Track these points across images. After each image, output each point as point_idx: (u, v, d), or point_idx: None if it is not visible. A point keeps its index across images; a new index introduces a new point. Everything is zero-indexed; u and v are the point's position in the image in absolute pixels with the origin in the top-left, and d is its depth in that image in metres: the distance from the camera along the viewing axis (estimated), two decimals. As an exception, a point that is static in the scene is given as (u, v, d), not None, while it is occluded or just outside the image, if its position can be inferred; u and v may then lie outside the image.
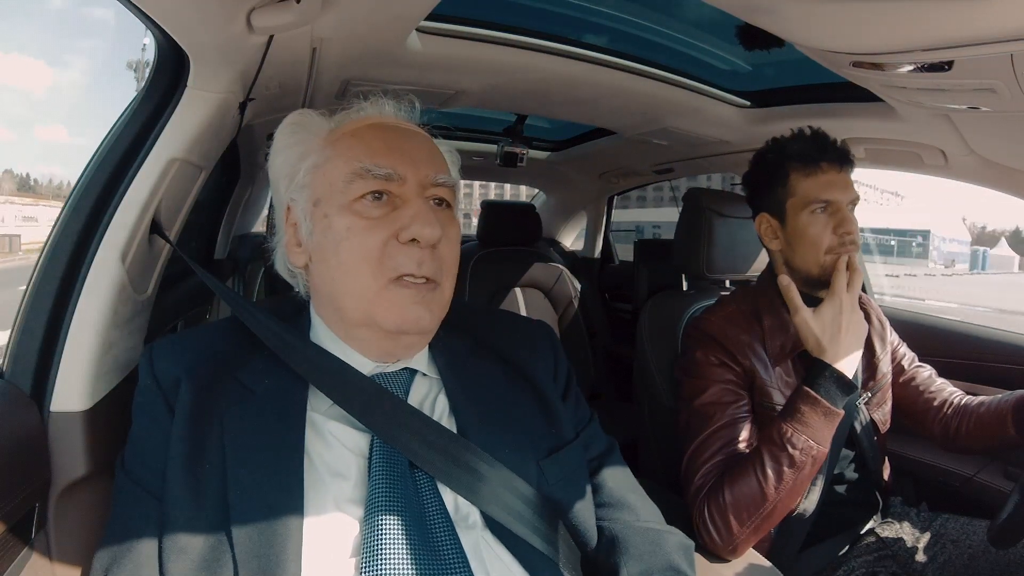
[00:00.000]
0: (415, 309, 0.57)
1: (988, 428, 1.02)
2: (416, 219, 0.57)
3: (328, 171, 0.60)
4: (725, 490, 0.85)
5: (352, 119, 0.65)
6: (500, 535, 0.57)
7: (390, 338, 0.60)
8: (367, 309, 0.58)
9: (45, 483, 0.66)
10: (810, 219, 0.97)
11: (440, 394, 0.64)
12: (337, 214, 0.58)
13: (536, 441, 0.63)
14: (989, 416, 1.02)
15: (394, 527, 0.51)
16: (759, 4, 0.73)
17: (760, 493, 0.83)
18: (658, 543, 0.64)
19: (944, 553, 1.01)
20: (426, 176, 0.60)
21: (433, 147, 0.65)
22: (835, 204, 0.97)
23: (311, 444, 0.56)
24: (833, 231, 0.96)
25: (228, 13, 0.66)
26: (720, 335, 1.00)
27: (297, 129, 0.65)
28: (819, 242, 0.97)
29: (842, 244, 0.96)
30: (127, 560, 0.51)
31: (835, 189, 0.97)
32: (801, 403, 0.85)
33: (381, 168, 0.58)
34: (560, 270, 2.23)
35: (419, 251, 0.57)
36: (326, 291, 0.61)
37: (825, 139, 0.99)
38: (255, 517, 0.50)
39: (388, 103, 0.66)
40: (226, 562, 0.49)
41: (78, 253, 0.71)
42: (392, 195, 0.59)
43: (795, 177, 0.99)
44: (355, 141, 0.61)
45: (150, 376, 0.58)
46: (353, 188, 0.58)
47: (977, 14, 0.62)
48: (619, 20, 1.19)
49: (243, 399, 0.57)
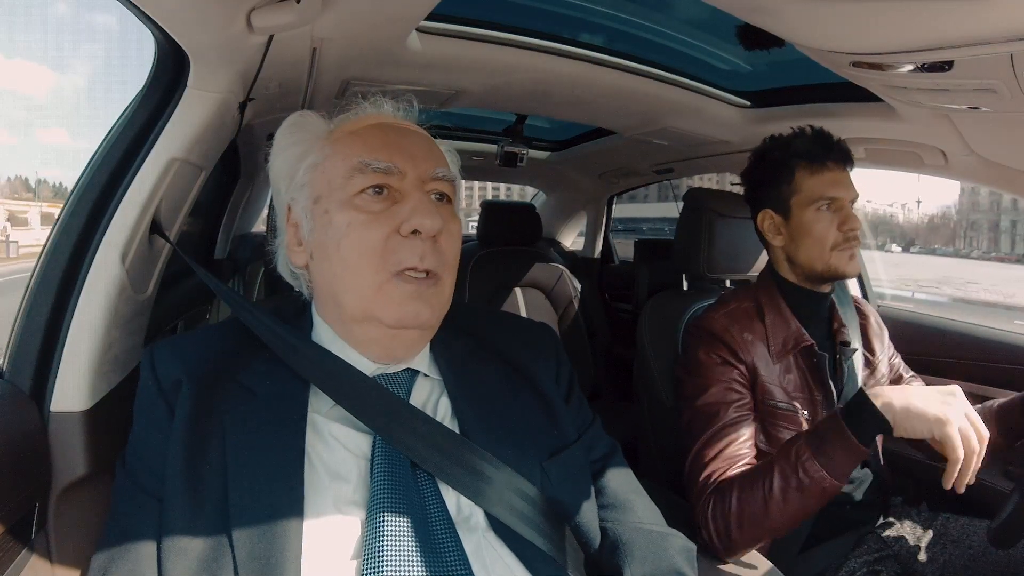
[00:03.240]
0: (415, 304, 0.57)
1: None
2: (416, 211, 0.57)
3: (327, 168, 0.60)
4: (732, 497, 0.85)
5: (351, 119, 0.65)
6: (504, 536, 0.56)
7: (390, 334, 0.60)
8: (368, 304, 0.58)
9: (45, 483, 0.66)
10: (816, 216, 0.99)
11: (442, 395, 0.64)
12: (338, 210, 0.58)
13: (539, 442, 0.63)
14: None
15: (397, 529, 0.51)
16: (759, 4, 0.73)
17: (764, 509, 0.82)
18: (661, 546, 0.64)
19: (945, 553, 1.00)
20: (425, 171, 0.60)
21: (432, 144, 0.65)
22: (839, 201, 0.99)
23: (312, 446, 0.56)
24: (838, 228, 0.98)
25: (228, 13, 0.66)
26: (722, 333, 1.01)
27: (296, 130, 0.65)
28: (825, 238, 0.99)
29: (846, 240, 0.99)
30: (125, 560, 0.51)
31: (840, 187, 0.99)
32: (829, 431, 0.79)
33: (380, 162, 0.58)
34: (560, 270, 2.23)
35: (421, 244, 0.57)
36: (327, 288, 0.61)
37: (830, 138, 1.01)
38: (255, 519, 0.50)
39: (387, 103, 0.67)
40: (226, 563, 0.49)
41: (78, 253, 0.71)
42: (392, 189, 0.59)
43: (801, 174, 1.00)
44: (354, 138, 0.61)
45: (151, 377, 0.58)
46: (353, 183, 0.58)
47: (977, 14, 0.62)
48: (619, 20, 1.19)
49: (244, 401, 0.57)
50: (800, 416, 0.99)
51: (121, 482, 0.56)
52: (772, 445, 0.98)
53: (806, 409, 0.99)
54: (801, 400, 0.99)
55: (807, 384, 1.00)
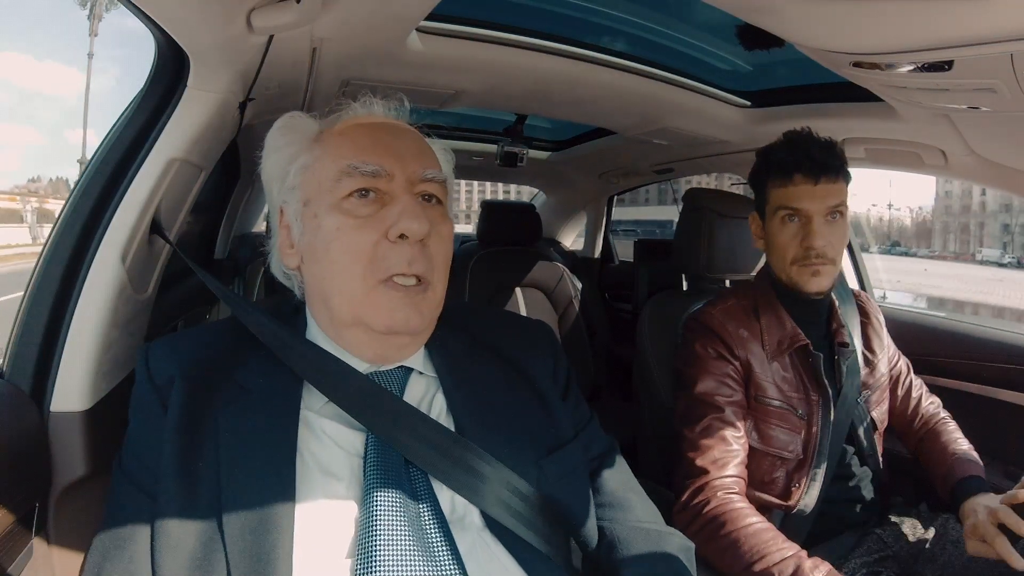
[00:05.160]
0: (405, 311, 0.57)
1: (932, 469, 1.06)
2: (403, 215, 0.57)
3: (317, 171, 0.60)
4: (717, 531, 0.87)
5: (340, 120, 0.65)
6: (499, 535, 0.56)
7: (380, 339, 0.60)
8: (356, 310, 0.58)
9: (45, 483, 0.66)
10: (780, 227, 1.00)
11: (437, 393, 0.63)
12: (326, 214, 0.58)
13: (535, 440, 0.63)
14: (938, 457, 1.06)
15: (389, 527, 0.51)
16: (759, 4, 0.73)
17: (726, 561, 0.85)
18: (659, 545, 0.64)
19: (945, 554, 1.00)
20: (414, 172, 0.60)
21: (423, 143, 0.65)
22: (804, 213, 0.97)
23: (304, 443, 0.56)
24: (800, 242, 0.97)
25: (228, 13, 0.66)
26: (718, 328, 1.02)
27: (287, 132, 0.65)
28: (785, 250, 0.99)
29: (806, 258, 0.96)
30: (120, 557, 0.51)
31: (804, 199, 0.96)
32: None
33: (368, 165, 0.58)
34: (560, 270, 2.23)
35: (409, 248, 0.57)
36: (318, 291, 0.61)
37: (803, 150, 0.97)
38: (247, 516, 0.50)
39: (377, 102, 0.66)
40: (218, 560, 0.49)
41: (78, 253, 0.72)
42: (380, 192, 0.59)
43: (772, 183, 1.01)
44: (343, 140, 0.61)
45: (145, 375, 0.58)
46: (341, 187, 0.58)
47: (977, 14, 0.62)
48: (619, 20, 1.19)
49: (238, 398, 0.57)
50: (796, 416, 0.99)
51: (117, 479, 0.56)
52: (764, 442, 0.99)
53: (802, 409, 1.00)
54: (797, 400, 1.00)
55: (803, 384, 1.01)
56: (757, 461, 0.99)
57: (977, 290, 22.51)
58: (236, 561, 0.48)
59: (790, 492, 0.98)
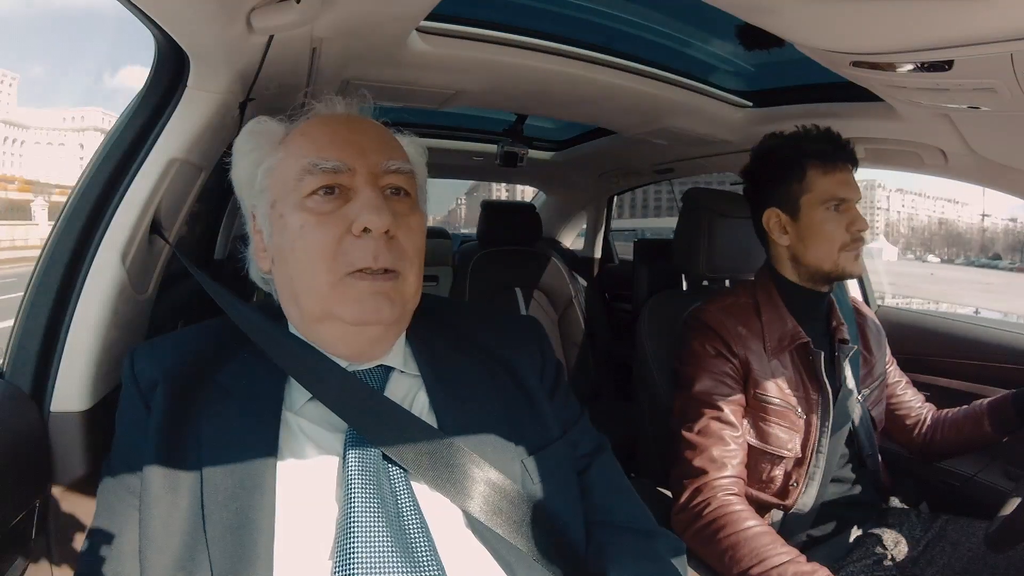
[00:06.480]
0: (374, 300, 0.56)
1: (963, 430, 1.09)
2: (364, 208, 0.56)
3: (281, 171, 0.60)
4: (716, 534, 0.87)
5: (303, 121, 0.65)
6: (482, 535, 0.55)
7: (353, 332, 0.59)
8: (325, 304, 0.57)
9: (45, 483, 0.66)
10: (826, 216, 0.99)
11: (420, 391, 0.63)
12: (291, 213, 0.58)
13: (520, 438, 0.62)
14: (964, 419, 1.10)
15: (368, 528, 0.51)
16: (759, 4, 0.73)
17: (725, 564, 0.86)
18: (649, 545, 0.63)
19: (944, 555, 1.00)
20: (376, 164, 0.59)
21: (387, 135, 0.64)
22: (848, 202, 1.00)
23: (284, 443, 0.56)
24: (846, 228, 0.99)
25: (228, 13, 0.66)
26: (717, 326, 1.02)
27: (253, 136, 0.65)
28: (834, 238, 0.99)
29: (854, 240, 0.99)
30: (109, 559, 0.51)
31: (850, 188, 1.00)
32: None
33: (328, 161, 0.58)
34: (561, 270, 2.23)
35: (373, 242, 0.56)
36: (288, 290, 0.61)
37: (839, 137, 1.01)
38: (228, 516, 0.51)
39: (339, 101, 0.66)
40: (202, 561, 0.49)
41: (78, 253, 0.72)
42: (343, 188, 0.58)
43: (813, 173, 1.00)
44: (303, 139, 0.61)
45: (130, 378, 0.59)
46: (304, 185, 0.58)
47: (977, 14, 0.62)
48: (619, 20, 1.19)
49: (219, 399, 0.57)
50: (794, 414, 0.99)
51: (106, 481, 0.57)
52: (763, 440, 0.98)
53: (801, 407, 0.99)
54: (797, 398, 1.00)
55: (803, 382, 1.00)
56: (755, 459, 0.99)
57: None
58: (218, 562, 0.49)
59: (788, 491, 0.98)
